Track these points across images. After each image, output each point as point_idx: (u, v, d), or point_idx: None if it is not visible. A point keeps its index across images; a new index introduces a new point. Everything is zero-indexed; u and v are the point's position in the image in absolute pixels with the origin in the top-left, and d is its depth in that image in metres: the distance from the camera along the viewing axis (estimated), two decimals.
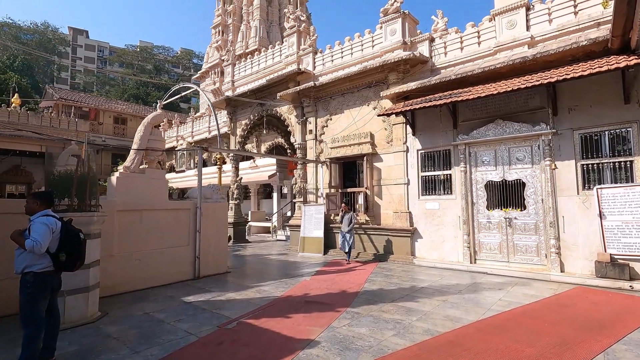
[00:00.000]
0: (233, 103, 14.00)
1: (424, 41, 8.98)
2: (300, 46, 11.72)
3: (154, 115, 6.97)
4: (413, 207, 8.87)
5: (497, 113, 7.71)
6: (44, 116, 18.71)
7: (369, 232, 9.62)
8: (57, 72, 62.59)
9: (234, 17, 24.69)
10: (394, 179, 9.21)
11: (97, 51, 75.24)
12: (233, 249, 12.25)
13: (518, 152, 7.43)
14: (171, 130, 25.38)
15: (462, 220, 7.97)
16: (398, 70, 9.06)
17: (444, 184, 8.46)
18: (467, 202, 7.94)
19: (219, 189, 7.97)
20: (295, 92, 10.97)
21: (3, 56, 43.95)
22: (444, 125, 8.40)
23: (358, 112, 10.10)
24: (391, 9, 9.29)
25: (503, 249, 7.48)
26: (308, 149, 11.33)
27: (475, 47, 8.23)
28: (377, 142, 9.68)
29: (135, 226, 6.43)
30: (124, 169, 6.42)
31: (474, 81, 7.75)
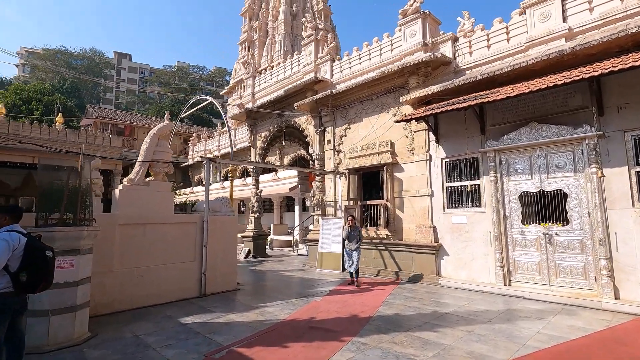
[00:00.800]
0: (253, 115, 13.90)
1: (446, 41, 8.33)
2: (318, 54, 11.41)
3: (161, 126, 6.83)
4: (438, 221, 8.07)
5: (531, 115, 6.86)
6: (80, 133, 19.69)
7: (390, 248, 8.89)
8: (102, 93, 67.23)
9: (259, 33, 25.12)
10: (416, 190, 8.49)
11: (138, 73, 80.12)
12: (251, 263, 11.91)
13: (557, 158, 6.52)
14: (199, 144, 25.96)
15: (493, 236, 7.09)
16: (419, 74, 8.44)
17: (471, 196, 7.63)
18: (498, 216, 7.06)
19: (228, 202, 7.66)
20: (312, 102, 10.61)
21: (54, 80, 47.80)
22: (470, 130, 7.63)
23: (377, 120, 9.52)
24: (410, 9, 8.75)
25: (543, 269, 6.52)
26: (326, 160, 10.86)
27: (504, 44, 7.47)
28: (397, 151, 9.03)
29: (138, 240, 6.21)
30: (128, 181, 6.27)
31: (503, 81, 6.97)
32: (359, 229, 8.07)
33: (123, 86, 75.00)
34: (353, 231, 7.93)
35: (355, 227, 8.01)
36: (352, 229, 7.95)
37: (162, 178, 6.79)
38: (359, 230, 8.06)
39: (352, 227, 7.96)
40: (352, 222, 8.03)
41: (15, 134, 17.50)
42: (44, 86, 32.97)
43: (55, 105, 26.41)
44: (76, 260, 4.44)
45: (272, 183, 16.46)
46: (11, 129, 17.43)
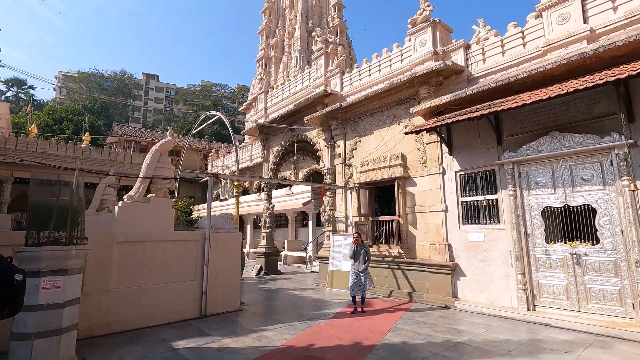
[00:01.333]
0: (265, 130, 13.87)
1: (458, 49, 7.96)
2: (328, 68, 11.27)
3: (163, 142, 6.78)
4: (453, 238, 7.54)
5: (552, 124, 6.33)
6: (103, 151, 20.38)
7: (403, 267, 8.38)
8: (131, 112, 70.37)
9: (276, 50, 25.50)
10: (429, 205, 8.01)
11: (165, 92, 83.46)
12: (262, 281, 11.63)
13: (583, 170, 5.93)
14: (218, 160, 26.30)
15: (513, 255, 6.50)
16: (430, 84, 8.08)
17: (489, 211, 7.09)
18: (519, 233, 6.48)
19: (232, 219, 7.47)
20: (322, 115, 10.42)
21: (86, 101, 50.43)
22: (486, 141, 7.15)
23: (388, 132, 9.17)
24: (419, 18, 8.47)
25: (571, 293, 5.85)
26: (337, 174, 10.56)
27: (520, 49, 7.02)
28: (409, 164, 8.61)
29: (137, 258, 6.07)
30: (128, 198, 6.19)
31: (519, 88, 6.51)
32: (367, 248, 7.17)
33: (150, 105, 78.28)
34: (359, 250, 7.08)
35: (362, 246, 7.13)
36: (358, 248, 7.10)
37: (164, 194, 6.69)
38: (367, 248, 7.15)
39: (359, 245, 7.12)
40: (358, 240, 7.16)
41: (42, 152, 18.29)
42: (74, 107, 34.73)
43: (83, 124, 27.64)
44: (63, 281, 4.30)
45: (286, 198, 16.27)
46: (39, 148, 18.22)
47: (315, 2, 27.00)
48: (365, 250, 7.09)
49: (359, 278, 6.96)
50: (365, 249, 7.11)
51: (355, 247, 7.14)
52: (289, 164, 19.02)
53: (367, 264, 7.05)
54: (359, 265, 7.02)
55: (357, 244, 7.13)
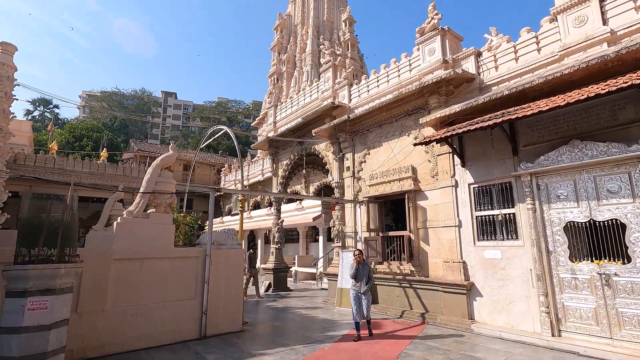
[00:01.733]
0: (275, 144, 13.76)
1: (468, 57, 7.66)
2: (336, 80, 11.13)
3: (164, 156, 6.67)
4: (467, 255, 7.07)
5: (572, 132, 5.90)
6: (118, 166, 20.72)
7: (415, 286, 7.91)
8: (149, 129, 72.41)
9: (287, 65, 25.75)
10: (441, 220, 7.58)
11: (182, 109, 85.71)
12: (270, 298, 11.28)
13: (609, 182, 5.45)
14: (230, 174, 26.41)
15: (534, 274, 5.99)
16: (439, 93, 7.77)
17: (506, 226, 6.62)
18: (539, 250, 5.98)
19: (234, 234, 7.23)
20: (330, 128, 10.21)
21: (106, 118, 52.15)
22: (500, 152, 6.74)
23: (397, 144, 8.86)
24: (428, 27, 8.24)
25: (601, 318, 5.29)
26: (345, 188, 10.25)
27: (534, 55, 6.67)
28: (420, 177, 8.24)
29: (135, 276, 5.88)
30: (127, 213, 6.05)
31: (535, 95, 6.13)
32: (369, 266, 6.61)
33: (168, 122, 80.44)
34: (362, 268, 6.44)
35: (365, 264, 6.55)
36: (360, 266, 6.46)
37: (165, 209, 6.54)
38: (369, 267, 6.58)
39: (361, 264, 6.49)
40: (360, 258, 6.54)
41: (60, 168, 18.72)
42: (94, 124, 35.83)
43: (102, 141, 28.39)
44: (51, 301, 4.12)
45: (297, 212, 16.01)
46: (57, 164, 18.66)
47: (326, 17, 27.29)
48: (368, 270, 6.48)
49: (360, 300, 6.36)
50: (368, 268, 6.51)
51: (357, 265, 6.49)
52: (299, 177, 18.84)
53: (370, 284, 6.46)
54: (360, 285, 6.41)
55: (359, 263, 6.51)
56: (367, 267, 6.53)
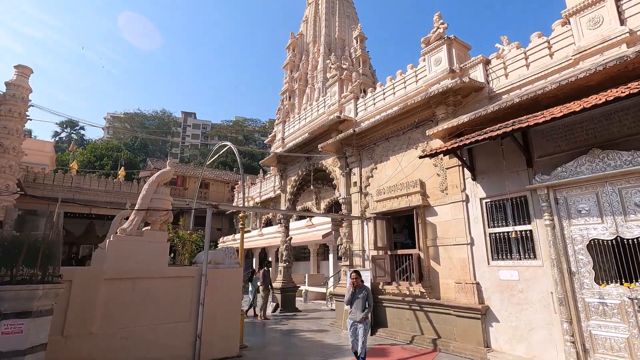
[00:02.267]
0: (283, 160, 13.61)
1: (476, 65, 7.32)
2: (342, 94, 10.95)
3: (161, 172, 6.54)
4: (481, 276, 6.52)
5: (592, 141, 5.42)
6: (132, 184, 21.07)
7: (426, 309, 7.36)
8: (169, 148, 74.50)
9: (299, 82, 25.94)
10: (452, 237, 7.09)
11: (201, 129, 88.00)
12: (276, 319, 10.85)
13: (637, 194, 4.90)
14: None
15: (556, 298, 5.40)
16: (447, 103, 7.42)
17: (522, 244, 6.08)
18: (560, 271, 5.41)
19: (233, 253, 6.96)
20: (336, 142, 9.95)
21: (128, 138, 53.94)
22: (513, 164, 6.28)
23: (405, 158, 8.49)
24: (433, 36, 7.98)
25: (635, 349, 4.65)
26: (353, 204, 9.88)
27: (546, 60, 6.26)
28: (429, 192, 7.81)
29: (126, 297, 5.65)
30: (120, 231, 5.89)
31: (549, 103, 5.71)
32: (368, 291, 5.64)
33: (188, 141, 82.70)
34: (359, 293, 5.56)
35: (362, 288, 5.63)
36: (356, 290, 5.59)
37: (160, 227, 6.35)
38: (368, 291, 5.61)
39: (358, 288, 5.61)
40: (357, 281, 5.64)
41: (77, 187, 19.16)
42: (114, 144, 36.98)
43: (120, 160, 29.16)
44: (26, 325, 3.91)
45: (307, 230, 15.65)
46: (74, 182, 19.12)
47: (337, 35, 27.56)
48: (366, 294, 5.56)
49: (356, 330, 5.46)
50: (366, 293, 5.58)
51: (353, 289, 5.62)
52: (310, 194, 18.61)
53: (368, 312, 5.47)
54: (356, 313, 5.46)
55: (355, 286, 5.62)
56: (365, 292, 5.59)
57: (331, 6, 29.22)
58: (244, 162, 50.19)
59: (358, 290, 5.63)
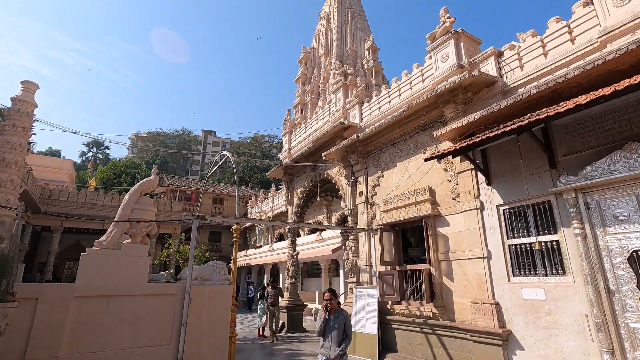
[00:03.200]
0: (289, 172, 13.13)
1: (487, 58, 6.63)
2: (347, 99, 10.43)
3: (144, 181, 6.12)
4: (501, 294, 5.65)
5: (627, 133, 4.60)
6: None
7: (439, 332, 6.49)
8: (189, 165, 76.15)
9: (311, 95, 25.69)
10: (466, 250, 6.27)
11: (220, 146, 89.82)
12: (281, 340, 10.11)
13: None
14: (257, 206, 26.10)
15: (592, 322, 4.50)
16: (456, 102, 6.74)
17: (548, 257, 5.21)
18: (596, 290, 4.52)
19: (222, 268, 6.38)
20: (341, 149, 9.37)
21: (148, 156, 55.37)
22: (534, 164, 5.49)
23: (413, 163, 7.79)
24: (439, 31, 7.38)
25: None
26: (359, 215, 9.19)
27: (567, 46, 5.52)
28: (439, 200, 7.05)
29: (99, 317, 5.14)
30: (97, 244, 5.45)
31: (572, 93, 4.96)
32: (346, 317, 4.28)
33: (207, 158, 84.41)
34: (334, 320, 4.22)
35: (339, 313, 4.28)
36: (331, 317, 4.26)
37: (142, 240, 5.89)
38: (346, 318, 4.26)
39: (333, 313, 4.29)
40: (331, 304, 4.32)
41: (90, 203, 19.33)
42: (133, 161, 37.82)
43: (136, 177, 29.61)
44: None
45: (317, 244, 14.96)
46: (88, 199, 19.31)
47: (349, 47, 27.35)
48: (342, 321, 4.19)
49: None
50: (343, 319, 4.21)
51: (326, 315, 4.28)
52: (321, 207, 17.97)
53: (346, 346, 4.14)
54: (331, 348, 4.12)
55: (329, 311, 4.30)
56: (343, 318, 4.21)
57: (343, 19, 29.18)
58: (260, 177, 50.29)
59: (334, 316, 4.26)
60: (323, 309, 4.35)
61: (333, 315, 4.29)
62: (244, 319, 15.58)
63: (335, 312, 4.31)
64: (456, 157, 6.61)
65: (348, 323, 4.25)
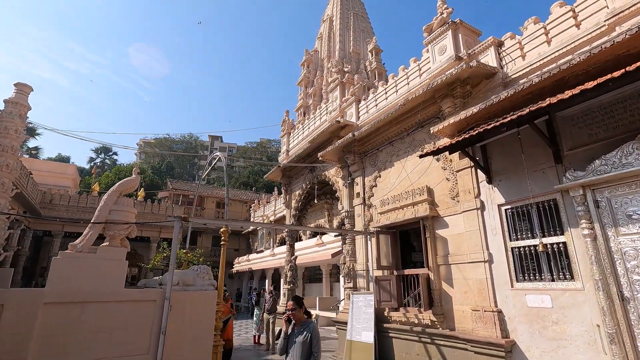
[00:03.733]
0: (287, 174, 12.82)
1: (487, 49, 6.25)
2: (344, 97, 10.10)
3: (123, 181, 5.84)
4: (504, 301, 5.21)
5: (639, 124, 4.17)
6: (147, 204, 20.99)
7: (438, 342, 6.05)
8: (196, 170, 76.56)
9: (314, 98, 25.43)
10: (466, 253, 5.84)
11: (227, 151, 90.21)
12: (276, 348, 9.69)
13: None
14: (259, 210, 25.83)
15: (605, 332, 4.04)
16: (454, 95, 6.36)
17: (555, 261, 4.77)
18: (608, 297, 4.07)
19: (207, 272, 6.05)
20: (337, 149, 9.02)
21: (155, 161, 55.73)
22: (537, 160, 5.07)
23: (410, 162, 7.40)
24: (436, 22, 7.03)
25: None
26: (356, 217, 8.80)
27: (572, 31, 5.12)
28: (437, 200, 6.64)
29: (71, 325, 4.84)
30: (71, 247, 5.17)
31: (578, 82, 4.54)
32: (313, 330, 3.52)
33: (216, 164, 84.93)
34: (297, 333, 3.53)
35: (305, 325, 3.57)
36: (294, 331, 3.57)
37: (121, 243, 5.60)
38: (312, 332, 3.50)
39: (297, 326, 3.60)
40: (296, 315, 3.61)
41: (91, 207, 19.25)
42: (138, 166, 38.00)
43: (140, 181, 29.72)
44: None
45: (317, 249, 14.56)
46: (89, 203, 19.25)
47: (352, 49, 27.10)
48: (308, 336, 3.45)
49: None
50: (309, 333, 3.47)
51: (291, 328, 3.59)
52: (322, 211, 17.58)
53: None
54: None
55: (294, 323, 3.61)
56: (309, 332, 3.48)
57: (345, 22, 28.97)
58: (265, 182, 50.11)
59: (298, 329, 3.55)
60: (285, 321, 3.62)
61: (297, 329, 3.56)
62: (243, 325, 15.22)
63: (300, 325, 3.58)
64: (455, 154, 6.22)
65: (315, 338, 3.46)
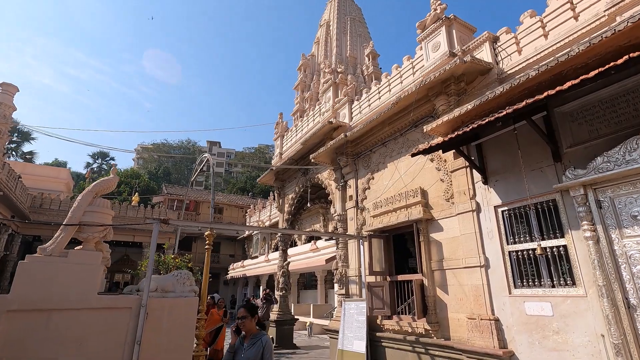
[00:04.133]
0: (280, 177, 12.54)
1: (481, 44, 6.01)
2: (337, 98, 9.85)
3: (100, 181, 5.54)
4: (501, 309, 4.89)
5: None
6: (139, 209, 20.61)
7: (432, 352, 5.71)
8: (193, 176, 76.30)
9: (310, 102, 25.28)
10: (462, 258, 5.53)
11: (225, 157, 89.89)
12: None
13: None
14: (255, 215, 25.50)
15: (610, 343, 3.73)
16: (448, 93, 6.10)
17: (555, 266, 4.47)
18: (613, 304, 3.76)
19: (188, 278, 5.72)
20: (329, 151, 8.75)
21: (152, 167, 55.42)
22: (535, 158, 4.79)
23: (404, 163, 7.12)
24: (430, 19, 6.80)
25: None
26: (349, 221, 8.49)
27: (570, 23, 4.88)
28: (432, 202, 6.35)
29: (38, 335, 4.51)
30: (40, 250, 4.85)
31: (578, 74, 4.27)
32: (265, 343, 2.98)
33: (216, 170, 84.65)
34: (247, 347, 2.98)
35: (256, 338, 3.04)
36: (244, 344, 3.04)
37: (97, 246, 5.28)
38: (264, 344, 2.96)
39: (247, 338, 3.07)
40: (243, 325, 3.09)
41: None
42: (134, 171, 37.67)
43: (134, 187, 29.33)
44: None
45: (311, 254, 14.23)
46: None
47: (349, 54, 27.00)
48: (258, 351, 2.92)
49: None
50: (259, 348, 2.94)
51: (238, 341, 3.09)
52: (318, 216, 17.28)
53: None
54: None
55: (244, 336, 3.11)
56: (261, 346, 2.95)
57: (342, 26, 28.92)
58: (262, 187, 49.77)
59: (248, 342, 3.02)
60: (232, 332, 3.15)
61: (248, 342, 3.02)
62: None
63: (251, 337, 3.04)
64: (449, 154, 5.95)
65: (268, 352, 2.93)
